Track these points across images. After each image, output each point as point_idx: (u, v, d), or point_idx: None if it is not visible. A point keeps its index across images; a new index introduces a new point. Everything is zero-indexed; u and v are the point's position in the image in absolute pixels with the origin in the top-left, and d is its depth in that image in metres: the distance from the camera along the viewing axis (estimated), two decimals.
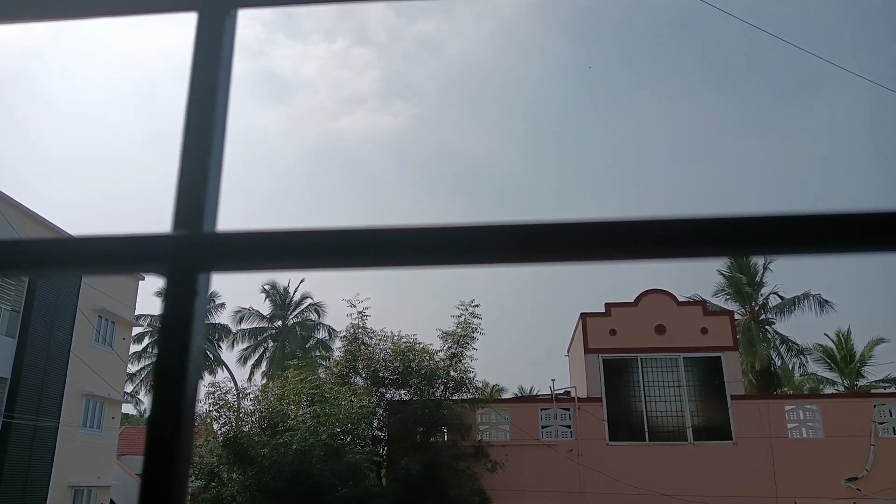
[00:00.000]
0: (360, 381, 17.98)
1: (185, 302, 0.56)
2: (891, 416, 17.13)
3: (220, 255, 0.57)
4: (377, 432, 17.29)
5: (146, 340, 41.86)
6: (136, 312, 30.97)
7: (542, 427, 17.82)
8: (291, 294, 41.87)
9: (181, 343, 0.55)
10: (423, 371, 17.06)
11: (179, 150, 0.60)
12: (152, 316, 40.95)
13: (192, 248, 0.56)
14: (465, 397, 17.58)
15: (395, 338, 18.22)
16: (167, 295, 0.56)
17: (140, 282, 29.51)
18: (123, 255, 0.57)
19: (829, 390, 31.13)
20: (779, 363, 28.73)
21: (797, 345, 28.99)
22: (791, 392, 28.49)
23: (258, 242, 0.56)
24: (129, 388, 39.51)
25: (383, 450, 17.04)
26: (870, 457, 16.55)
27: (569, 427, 17.75)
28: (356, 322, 18.50)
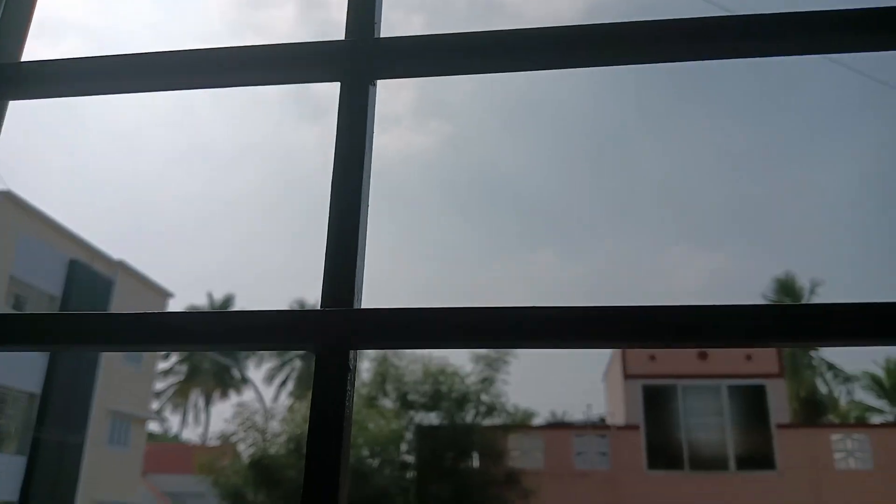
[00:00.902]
0: (388, 403, 17.66)
1: (338, 380, 0.51)
2: None
3: (369, 331, 0.53)
4: (405, 457, 16.93)
5: (173, 358, 42.06)
6: None
7: (577, 454, 17.28)
8: None
9: (335, 421, 0.50)
10: (453, 395, 16.72)
11: (327, 224, 0.58)
12: None
13: (345, 325, 0.53)
14: (496, 422, 17.15)
15: (426, 359, 17.90)
16: (319, 372, 0.52)
17: (170, 299, 29.61)
18: (274, 332, 0.54)
19: (876, 419, 30.15)
20: (824, 390, 27.91)
21: (844, 372, 28.17)
22: (836, 420, 27.61)
23: (405, 320, 0.52)
24: (154, 405, 39.64)
25: (412, 475, 16.66)
26: None
27: (605, 454, 17.19)
28: None
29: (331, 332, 0.53)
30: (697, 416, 17.30)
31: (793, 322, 0.52)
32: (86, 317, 0.63)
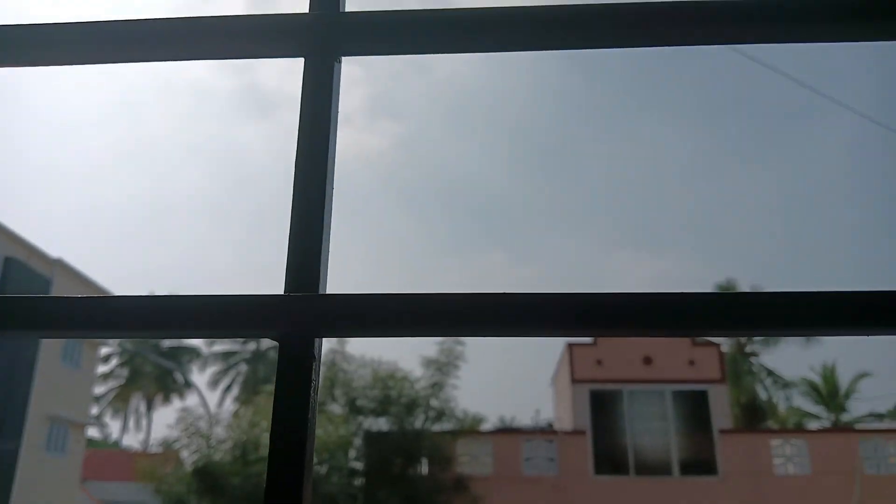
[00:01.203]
0: (336, 408, 17.49)
1: (303, 368, 0.52)
2: (875, 451, 17.04)
3: (335, 318, 0.52)
4: (353, 464, 16.79)
5: (113, 362, 40.89)
6: None
7: (525, 459, 17.38)
8: None
9: (300, 411, 0.51)
10: (403, 400, 16.65)
11: (290, 215, 0.55)
12: None
13: (311, 310, 0.51)
14: (445, 428, 17.15)
15: (375, 364, 17.80)
16: (283, 360, 0.50)
17: None
18: (234, 317, 0.51)
19: (813, 424, 31.20)
20: (764, 396, 28.75)
21: (783, 378, 29.09)
22: (776, 426, 28.45)
23: (375, 306, 0.50)
24: (94, 410, 38.43)
25: (360, 481, 16.53)
26: (855, 494, 16.37)
27: (553, 460, 17.35)
28: (335, 347, 18.05)
29: (294, 319, 0.52)
30: (643, 421, 17.62)
31: (744, 310, 0.55)
32: (29, 300, 0.58)
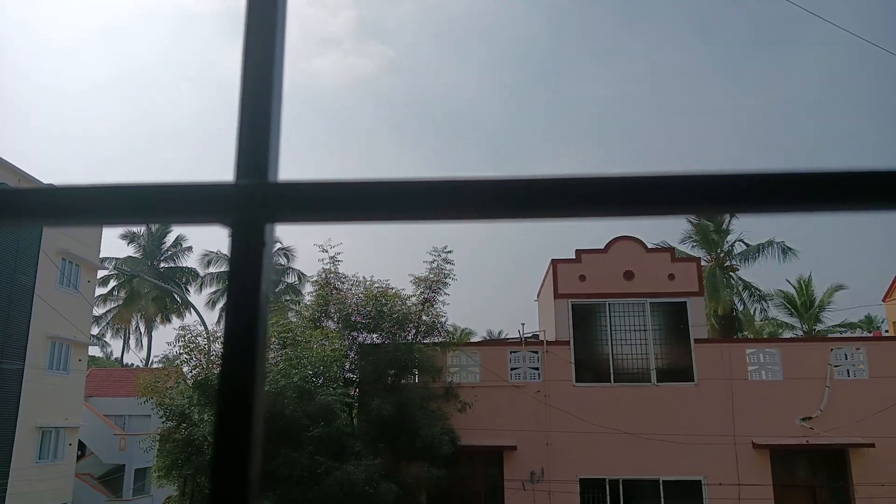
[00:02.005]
0: (331, 325, 18.08)
1: (254, 254, 0.54)
2: (846, 359, 17.76)
3: (288, 204, 0.55)
4: (349, 374, 17.49)
5: (111, 283, 41.34)
6: (101, 255, 30.50)
7: (511, 369, 18.17)
8: None
9: (251, 293, 0.54)
10: (395, 315, 17.19)
11: (239, 96, 0.57)
12: (117, 259, 40.39)
13: (259, 197, 0.54)
14: (436, 341, 17.80)
15: (368, 283, 18.29)
16: (233, 246, 0.54)
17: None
18: (185, 204, 0.55)
19: (788, 335, 32.16)
20: (741, 308, 29.54)
21: (759, 291, 29.79)
22: (752, 336, 29.39)
23: (327, 192, 0.54)
24: (94, 330, 39.15)
25: (355, 391, 17.26)
26: (824, 398, 17.23)
27: (537, 369, 18.13)
28: (328, 267, 18.50)
29: (244, 206, 0.54)
30: (623, 332, 18.29)
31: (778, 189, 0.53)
32: None
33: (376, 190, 0.54)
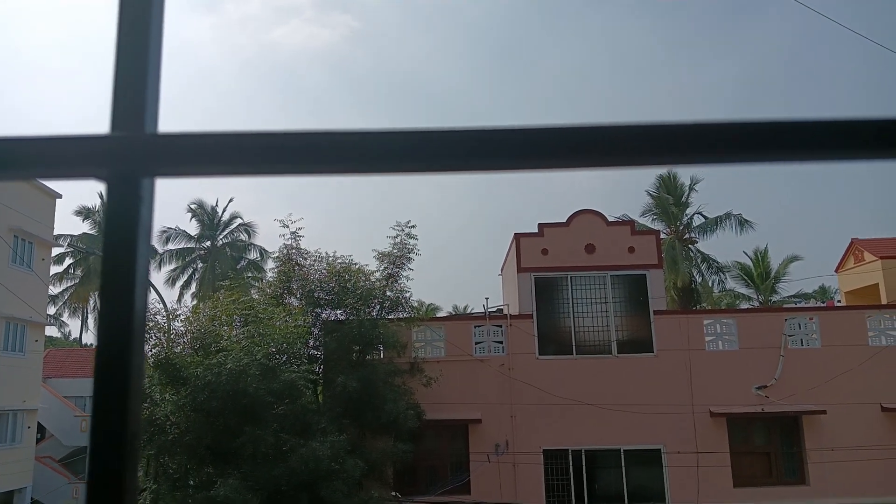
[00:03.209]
0: (294, 301, 17.95)
1: (129, 208, 0.51)
2: (800, 328, 18.27)
3: (167, 157, 0.51)
4: (313, 351, 17.43)
5: (67, 261, 40.40)
6: (55, 232, 29.74)
7: (476, 343, 18.30)
8: (220, 214, 40.88)
9: (128, 251, 0.51)
10: (358, 291, 17.13)
11: (114, 41, 0.54)
12: (72, 236, 39.46)
13: (136, 149, 0.51)
14: (400, 316, 17.80)
15: (331, 259, 18.16)
16: (109, 201, 0.52)
17: (57, 200, 28.21)
18: (59, 157, 0.51)
19: (745, 306, 32.92)
20: (699, 280, 30.12)
21: (717, 262, 30.40)
22: (710, 308, 30.02)
23: (208, 144, 0.51)
24: (51, 310, 38.31)
25: (319, 368, 17.22)
26: (779, 366, 17.72)
27: (501, 343, 18.29)
28: (290, 243, 18.32)
29: (120, 159, 0.51)
30: (584, 305, 18.52)
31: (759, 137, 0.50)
32: None
33: (256, 141, 0.52)
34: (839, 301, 26.79)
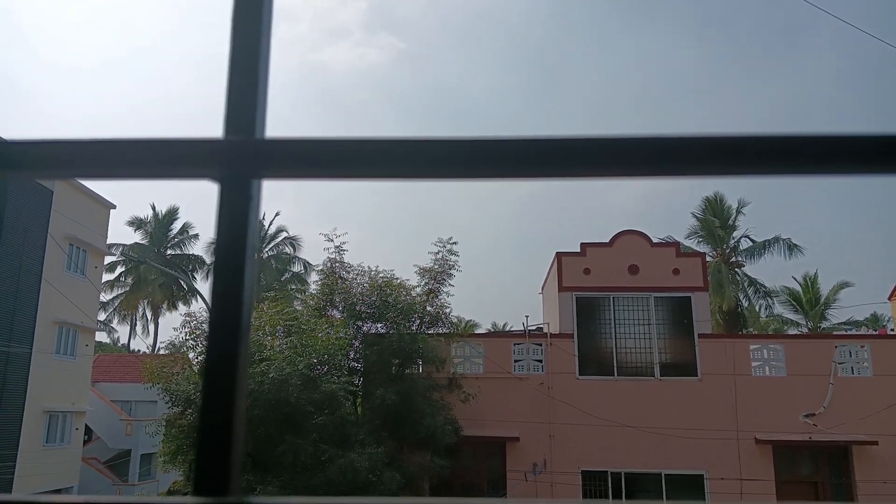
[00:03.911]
0: (336, 314, 18.13)
1: (241, 208, 0.55)
2: (850, 356, 17.73)
3: (275, 160, 0.56)
4: (353, 363, 17.55)
5: (119, 269, 41.54)
6: (108, 241, 30.65)
7: (515, 361, 18.22)
8: (266, 227, 41.62)
9: (238, 249, 0.55)
10: (399, 306, 17.22)
11: (229, 52, 0.58)
12: (124, 245, 40.58)
13: (247, 152, 0.55)
14: (440, 332, 17.84)
15: (373, 273, 18.33)
16: (222, 202, 0.55)
17: (111, 210, 29.11)
18: (174, 158, 0.56)
19: (792, 332, 32.09)
20: (746, 305, 29.49)
21: (765, 287, 29.73)
22: (756, 332, 29.34)
23: (312, 149, 0.55)
24: (101, 316, 39.40)
25: (359, 380, 17.33)
26: (828, 394, 17.22)
27: (540, 361, 18.17)
28: (333, 256, 18.57)
29: (232, 161, 0.56)
30: (626, 326, 18.30)
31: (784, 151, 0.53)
32: None
33: (361, 146, 0.56)
34: (892, 329, 25.93)
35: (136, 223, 41.36)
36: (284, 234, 41.64)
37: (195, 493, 0.54)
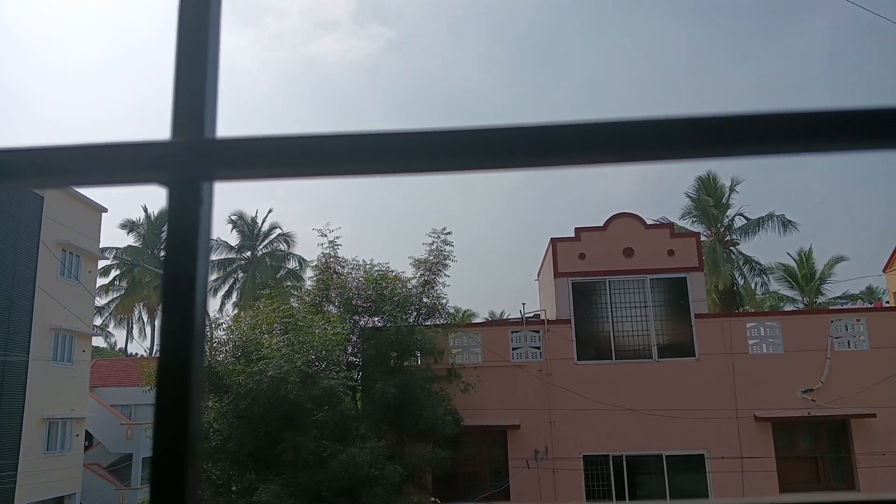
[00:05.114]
0: (333, 309, 18.10)
1: (190, 211, 0.53)
2: (846, 330, 17.78)
3: (226, 161, 0.53)
4: (351, 358, 17.54)
5: (113, 273, 41.39)
6: (101, 245, 30.52)
7: (513, 349, 18.23)
8: (260, 224, 41.50)
9: (189, 253, 0.53)
10: (395, 298, 17.19)
11: (175, 50, 0.55)
12: (117, 248, 40.43)
13: (197, 154, 0.53)
14: (437, 323, 17.83)
15: (368, 266, 18.29)
16: (171, 205, 0.53)
17: (103, 214, 28.96)
18: (121, 164, 0.53)
19: (789, 308, 32.21)
20: (742, 283, 29.55)
21: (760, 264, 29.81)
22: (752, 310, 29.42)
23: (265, 147, 0.52)
24: (97, 321, 39.28)
25: (358, 375, 17.32)
26: (825, 369, 17.29)
27: (538, 348, 18.18)
28: (328, 251, 18.51)
29: (180, 163, 0.53)
30: (623, 310, 18.32)
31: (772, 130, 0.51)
32: None
33: (319, 143, 0.53)
34: (887, 302, 26.05)
35: (129, 225, 41.21)
36: (278, 231, 41.53)
37: None
